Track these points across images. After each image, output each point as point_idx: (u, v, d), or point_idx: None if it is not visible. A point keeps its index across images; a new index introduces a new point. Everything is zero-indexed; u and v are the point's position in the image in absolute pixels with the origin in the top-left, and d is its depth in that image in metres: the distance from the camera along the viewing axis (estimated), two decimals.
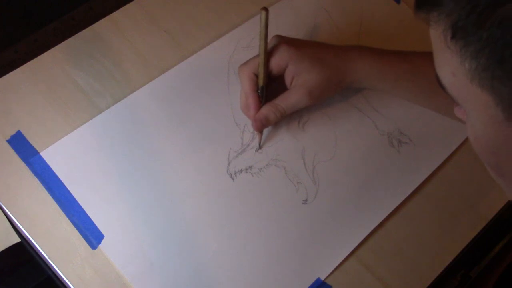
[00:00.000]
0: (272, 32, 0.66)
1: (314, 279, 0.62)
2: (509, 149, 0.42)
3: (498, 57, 0.35)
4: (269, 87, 0.65)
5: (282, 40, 0.65)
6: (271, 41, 0.65)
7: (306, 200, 0.65)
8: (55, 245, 0.59)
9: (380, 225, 0.66)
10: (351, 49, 0.66)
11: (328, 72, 0.64)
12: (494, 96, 0.37)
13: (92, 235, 0.60)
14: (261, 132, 0.66)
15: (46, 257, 0.58)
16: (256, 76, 0.64)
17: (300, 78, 0.64)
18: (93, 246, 0.60)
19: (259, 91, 0.64)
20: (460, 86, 0.39)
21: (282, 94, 0.65)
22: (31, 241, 0.59)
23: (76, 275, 0.58)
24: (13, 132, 0.63)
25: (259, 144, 0.66)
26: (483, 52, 0.35)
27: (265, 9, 0.62)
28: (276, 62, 0.64)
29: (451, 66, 0.39)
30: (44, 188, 0.61)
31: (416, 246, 0.66)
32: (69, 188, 0.61)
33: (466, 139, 0.72)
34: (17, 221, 0.59)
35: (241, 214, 0.63)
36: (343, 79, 0.65)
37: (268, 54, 0.64)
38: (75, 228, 0.60)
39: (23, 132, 0.63)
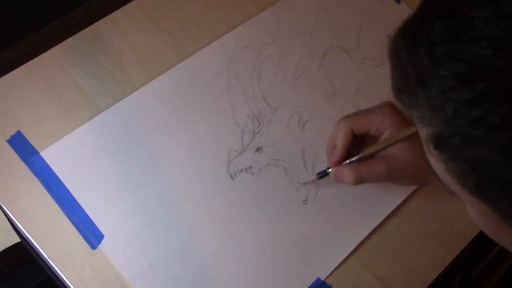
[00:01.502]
0: (271, 32, 0.66)
1: (314, 279, 0.62)
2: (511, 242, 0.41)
3: (486, 184, 0.32)
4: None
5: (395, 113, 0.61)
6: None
7: (306, 200, 0.65)
8: (55, 245, 0.59)
9: (380, 225, 0.66)
10: None
11: (418, 164, 0.59)
12: (489, 206, 0.34)
13: (92, 235, 0.60)
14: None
15: (46, 257, 0.58)
16: (353, 132, 0.61)
17: (390, 152, 0.60)
18: (93, 246, 0.60)
19: (356, 158, 0.61)
20: (453, 186, 0.36)
21: (367, 162, 0.61)
22: (31, 241, 0.59)
23: (76, 275, 0.58)
24: (13, 132, 0.63)
25: (307, 182, 0.65)
26: (472, 174, 0.32)
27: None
28: (377, 125, 0.61)
29: (439, 167, 0.36)
30: (44, 188, 0.61)
31: (416, 246, 0.66)
32: (69, 188, 0.61)
33: None
34: (17, 221, 0.59)
35: (241, 214, 0.63)
36: (424, 178, 0.62)
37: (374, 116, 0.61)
38: (75, 228, 0.60)
39: (23, 132, 0.63)
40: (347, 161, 0.62)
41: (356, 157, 0.61)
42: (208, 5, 0.73)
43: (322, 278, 0.62)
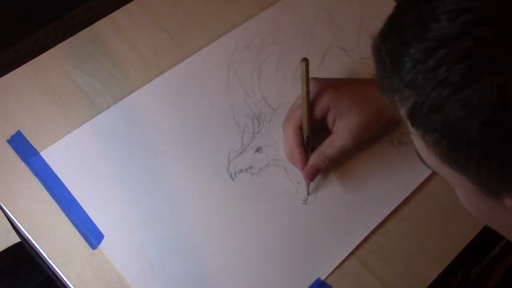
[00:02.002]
0: (272, 31, 0.66)
1: (314, 279, 0.62)
2: (495, 217, 0.43)
3: (455, 145, 0.36)
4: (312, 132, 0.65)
5: (320, 85, 0.64)
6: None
7: (306, 200, 0.65)
8: (55, 245, 0.59)
9: (380, 225, 0.66)
10: None
11: (368, 110, 0.63)
12: (466, 176, 0.38)
13: (92, 235, 0.60)
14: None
15: (46, 257, 0.58)
16: (301, 128, 0.63)
17: (342, 120, 0.63)
18: (93, 246, 0.60)
19: (304, 142, 0.64)
20: (435, 164, 0.40)
21: (327, 140, 0.64)
22: (31, 241, 0.59)
23: (76, 275, 0.58)
24: (13, 132, 0.63)
25: (307, 192, 0.65)
26: (443, 141, 0.36)
27: (305, 59, 0.61)
28: (319, 110, 0.64)
29: (421, 147, 0.40)
30: (44, 188, 0.61)
31: (416, 246, 0.65)
32: (69, 188, 0.61)
33: None
34: (17, 221, 0.59)
35: (241, 214, 0.63)
36: (384, 114, 0.65)
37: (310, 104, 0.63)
38: (75, 228, 0.60)
39: (23, 132, 0.63)
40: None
41: (304, 139, 0.63)
42: (208, 5, 0.73)
43: (322, 278, 0.62)
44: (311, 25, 0.75)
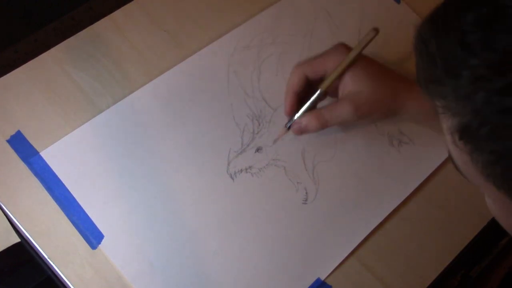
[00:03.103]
0: (272, 31, 0.66)
1: (314, 279, 0.62)
2: None
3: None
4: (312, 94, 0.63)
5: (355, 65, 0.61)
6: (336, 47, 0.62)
7: (306, 200, 0.65)
8: (55, 245, 0.59)
9: (380, 225, 0.66)
10: (411, 81, 0.62)
11: (381, 91, 0.60)
12: (508, 195, 0.34)
13: (92, 235, 0.60)
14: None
15: (46, 257, 0.58)
16: (307, 79, 0.61)
17: (352, 91, 0.60)
18: (93, 246, 0.60)
19: (315, 96, 0.61)
20: (474, 176, 0.35)
21: (329, 104, 0.62)
22: (31, 241, 0.59)
23: (76, 275, 0.58)
24: (13, 132, 0.63)
25: (275, 141, 0.65)
26: (498, 165, 0.32)
27: (376, 30, 0.59)
28: (332, 63, 0.60)
29: (462, 159, 0.35)
30: (44, 188, 0.61)
31: (416, 246, 0.66)
32: (69, 188, 0.61)
33: None
34: (17, 221, 0.59)
35: (241, 214, 0.63)
36: (395, 107, 0.62)
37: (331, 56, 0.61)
38: (75, 228, 0.60)
39: (23, 132, 0.63)
40: (305, 106, 0.62)
41: (315, 95, 0.61)
42: (209, 5, 0.73)
43: (322, 278, 0.62)
44: (311, 25, 0.75)
